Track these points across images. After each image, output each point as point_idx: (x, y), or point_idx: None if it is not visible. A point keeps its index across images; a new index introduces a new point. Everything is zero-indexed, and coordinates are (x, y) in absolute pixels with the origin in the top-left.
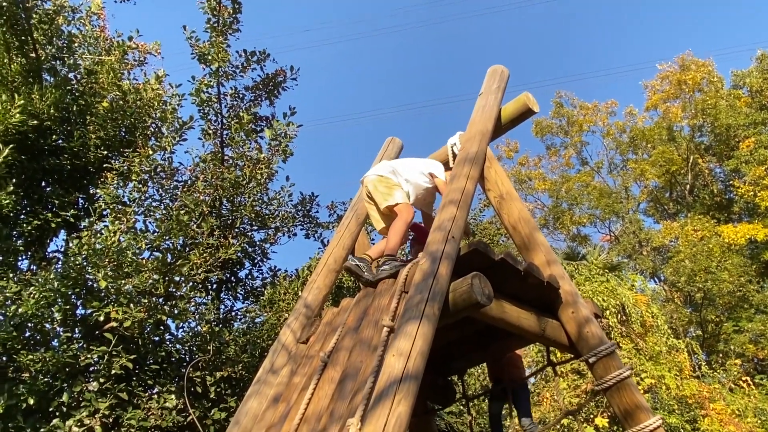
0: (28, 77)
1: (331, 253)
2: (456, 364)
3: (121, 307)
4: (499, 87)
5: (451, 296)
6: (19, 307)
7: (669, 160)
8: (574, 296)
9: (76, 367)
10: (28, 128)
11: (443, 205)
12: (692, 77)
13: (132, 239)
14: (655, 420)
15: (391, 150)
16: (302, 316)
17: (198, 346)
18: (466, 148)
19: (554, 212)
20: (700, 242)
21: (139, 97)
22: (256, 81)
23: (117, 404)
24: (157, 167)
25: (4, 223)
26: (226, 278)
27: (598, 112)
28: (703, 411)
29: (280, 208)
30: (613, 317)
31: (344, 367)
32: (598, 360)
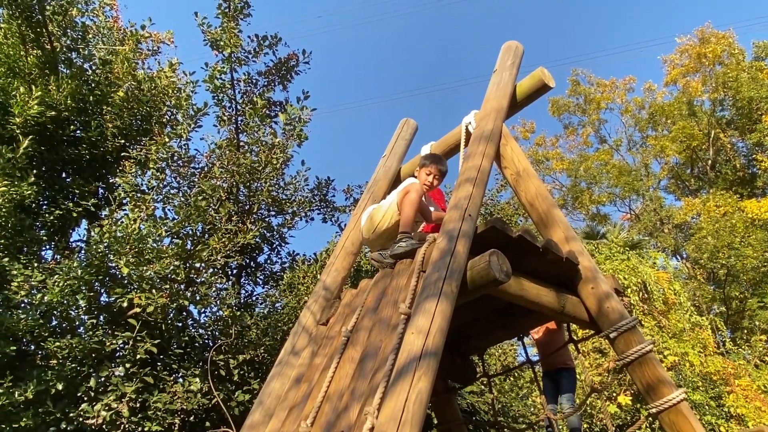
0: (44, 69)
1: (348, 236)
2: (475, 342)
3: (143, 293)
4: (513, 63)
5: (469, 274)
6: (45, 296)
7: (690, 135)
8: (593, 272)
9: (102, 352)
10: (47, 119)
11: (459, 184)
12: (712, 50)
13: (152, 226)
14: (679, 393)
15: (405, 132)
16: (321, 299)
17: (220, 330)
18: (481, 126)
19: (573, 192)
20: (722, 218)
21: (153, 86)
22: (268, 66)
23: (143, 388)
24: (174, 155)
25: (27, 213)
26: (246, 263)
27: (615, 89)
28: (728, 387)
29: (297, 192)
30: (634, 295)
31: (364, 346)
32: (620, 335)
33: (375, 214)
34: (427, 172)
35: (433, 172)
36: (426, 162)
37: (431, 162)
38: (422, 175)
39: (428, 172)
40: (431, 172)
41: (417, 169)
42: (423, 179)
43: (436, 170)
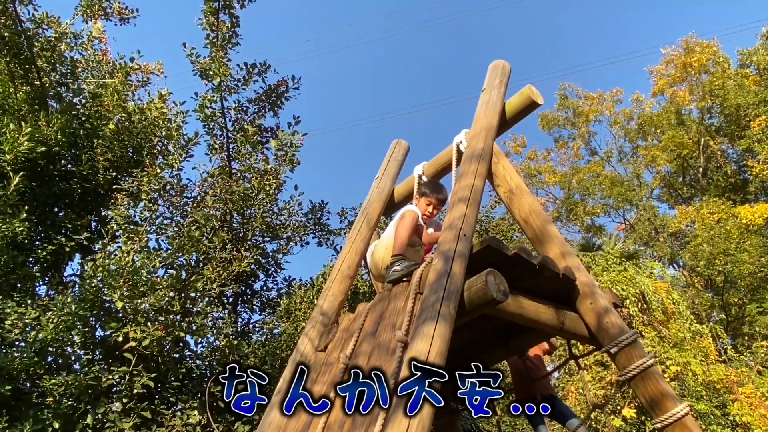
0: (33, 105)
1: (345, 258)
2: (476, 362)
3: (138, 326)
4: (501, 82)
5: (467, 294)
6: (39, 333)
7: (680, 144)
8: (591, 287)
9: (99, 388)
10: (37, 155)
11: (452, 204)
12: (697, 59)
13: (146, 258)
14: (683, 407)
15: (397, 152)
16: (319, 324)
17: (218, 360)
18: (472, 145)
19: (567, 204)
20: (717, 225)
21: (144, 117)
22: (258, 93)
23: (141, 423)
24: (166, 185)
25: (20, 250)
26: (242, 291)
27: (603, 101)
28: (732, 396)
29: (291, 217)
30: (633, 306)
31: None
32: (620, 350)
33: (376, 252)
34: (427, 202)
35: (433, 202)
36: (426, 191)
37: (431, 191)
38: (422, 204)
39: (428, 202)
40: (431, 202)
41: (416, 197)
42: (423, 209)
43: (436, 200)
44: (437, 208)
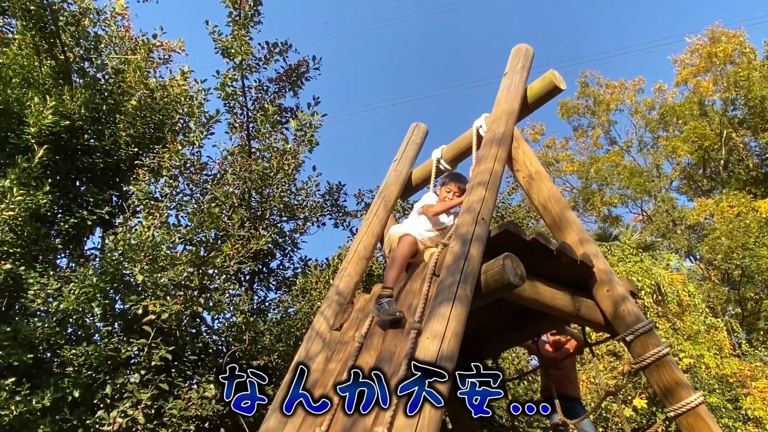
0: (58, 79)
1: (361, 240)
2: (490, 347)
3: (158, 300)
4: (524, 66)
5: (483, 278)
6: (61, 303)
7: (701, 135)
8: (608, 274)
9: (118, 359)
10: (61, 129)
11: (471, 187)
12: (723, 49)
13: (165, 234)
14: (697, 396)
15: (416, 136)
16: (335, 304)
17: (234, 336)
18: (493, 129)
19: (584, 194)
20: (736, 218)
21: (166, 94)
22: (279, 73)
23: (158, 395)
24: (187, 162)
25: (42, 222)
26: (258, 269)
27: (625, 90)
28: (744, 390)
29: (308, 198)
30: (648, 297)
31: (378, 351)
32: (636, 338)
33: (392, 238)
34: (447, 190)
35: (453, 189)
36: (446, 180)
37: (451, 180)
38: (443, 193)
39: (448, 190)
40: (451, 190)
41: (438, 188)
42: (443, 198)
43: (456, 188)
44: (457, 197)
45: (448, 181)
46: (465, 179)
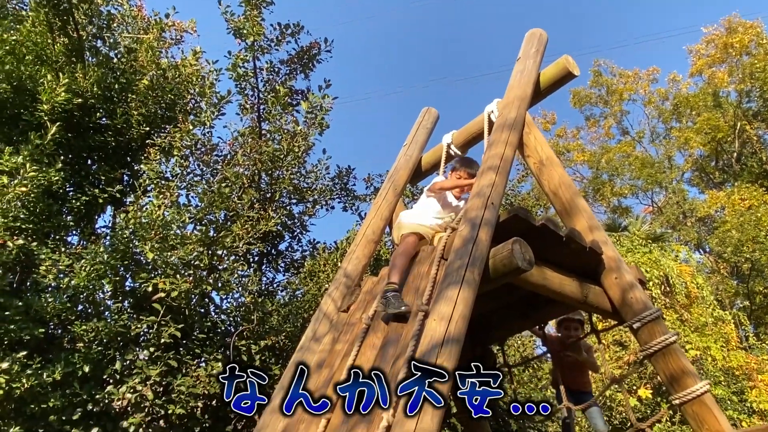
0: (71, 57)
1: (370, 223)
2: (496, 332)
3: (168, 278)
4: (537, 51)
5: (491, 262)
6: (72, 280)
7: (715, 127)
8: (617, 262)
9: (128, 336)
10: (73, 106)
11: (482, 172)
12: (739, 40)
13: (176, 213)
14: (703, 384)
15: (427, 120)
16: (342, 286)
17: (242, 316)
18: (504, 114)
19: (594, 184)
20: (747, 211)
21: (178, 74)
22: (290, 54)
23: (167, 372)
24: (198, 142)
25: (54, 199)
26: (267, 251)
27: (639, 79)
28: (750, 382)
29: (318, 181)
30: (656, 288)
31: (385, 332)
32: (643, 326)
33: (401, 225)
34: (458, 176)
35: (463, 176)
36: (457, 165)
37: (462, 165)
38: (452, 178)
39: (458, 176)
40: (461, 176)
41: (449, 173)
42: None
43: (466, 174)
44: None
45: (458, 167)
46: (476, 164)
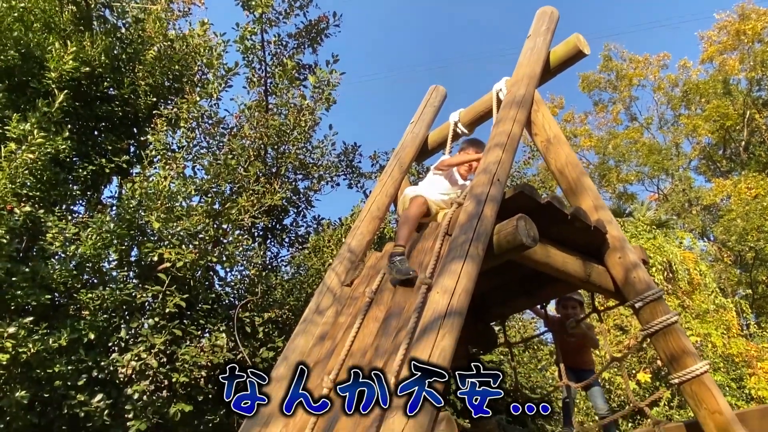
0: (78, 25)
1: (375, 200)
2: (498, 309)
3: (173, 248)
4: (548, 29)
5: (496, 238)
6: (78, 248)
7: (724, 115)
8: (621, 241)
9: (133, 305)
10: (81, 75)
11: (488, 149)
12: (752, 27)
13: (182, 185)
14: (703, 364)
15: (434, 98)
16: (346, 261)
17: (246, 288)
18: (513, 92)
19: (600, 169)
20: (753, 200)
21: (185, 44)
22: (299, 28)
23: (171, 341)
24: (204, 114)
25: (62, 167)
26: (272, 225)
27: (649, 65)
28: (750, 370)
29: (324, 157)
30: (659, 274)
31: (388, 306)
32: (645, 305)
33: (406, 197)
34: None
35: (471, 153)
36: (465, 145)
37: (469, 145)
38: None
39: (467, 153)
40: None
41: (458, 153)
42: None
43: (474, 152)
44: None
45: (466, 146)
46: (484, 144)
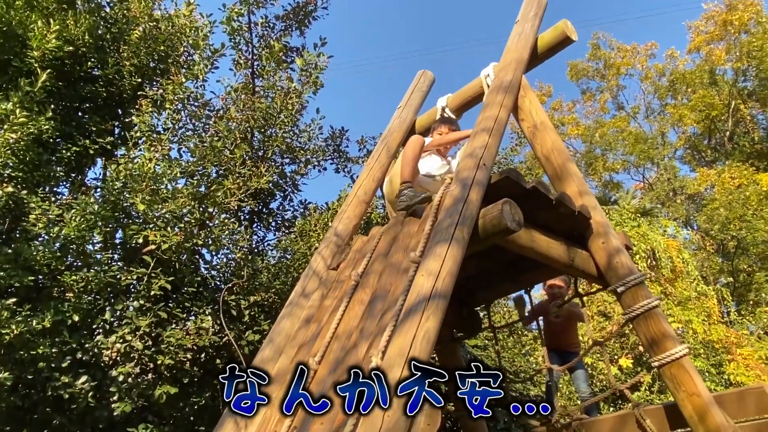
0: (61, 3)
1: (361, 184)
2: (482, 294)
3: (159, 231)
4: (536, 14)
5: (481, 222)
6: (62, 230)
7: (709, 105)
8: (605, 227)
9: (118, 287)
10: (64, 54)
11: (475, 133)
12: (739, 17)
13: (167, 167)
14: (682, 348)
15: (422, 83)
16: (333, 244)
17: (232, 272)
18: (500, 77)
19: (587, 158)
20: (736, 190)
21: (171, 25)
22: (286, 10)
23: (157, 323)
24: (190, 96)
25: (45, 148)
26: (258, 209)
27: (637, 54)
28: (729, 356)
29: (311, 141)
30: (643, 262)
31: (374, 289)
32: (627, 289)
33: (393, 178)
34: (438, 133)
35: (444, 131)
36: (436, 125)
37: (440, 123)
38: (435, 136)
39: (439, 132)
40: (442, 132)
41: (431, 134)
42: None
43: (447, 129)
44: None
45: (437, 126)
46: (456, 123)
